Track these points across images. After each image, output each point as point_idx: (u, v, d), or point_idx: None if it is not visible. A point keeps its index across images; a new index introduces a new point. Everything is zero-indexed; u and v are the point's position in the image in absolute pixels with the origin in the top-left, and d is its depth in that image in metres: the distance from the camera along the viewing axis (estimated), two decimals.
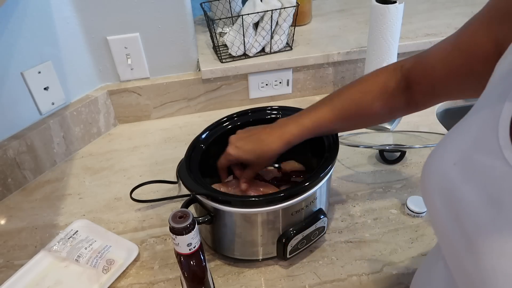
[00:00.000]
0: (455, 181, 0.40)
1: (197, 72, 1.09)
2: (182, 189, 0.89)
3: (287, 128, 0.67)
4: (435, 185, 0.43)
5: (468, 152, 0.40)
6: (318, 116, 0.67)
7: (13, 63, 0.86)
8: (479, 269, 0.36)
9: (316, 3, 1.32)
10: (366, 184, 0.88)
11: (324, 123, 0.67)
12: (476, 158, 0.38)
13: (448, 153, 0.42)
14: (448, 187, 0.41)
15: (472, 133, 0.40)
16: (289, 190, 0.67)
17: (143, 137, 1.07)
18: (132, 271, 0.74)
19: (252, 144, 0.69)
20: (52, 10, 0.89)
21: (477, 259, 0.36)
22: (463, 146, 0.41)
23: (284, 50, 1.10)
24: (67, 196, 0.90)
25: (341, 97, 0.67)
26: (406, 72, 0.62)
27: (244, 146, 0.69)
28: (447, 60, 0.55)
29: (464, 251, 0.38)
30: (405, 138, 0.98)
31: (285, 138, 0.67)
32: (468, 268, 0.38)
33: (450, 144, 0.43)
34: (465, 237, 0.38)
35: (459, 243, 0.39)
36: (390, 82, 0.63)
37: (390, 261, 0.72)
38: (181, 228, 0.53)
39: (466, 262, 0.38)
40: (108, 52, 1.01)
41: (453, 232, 0.40)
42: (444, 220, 0.41)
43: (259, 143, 0.68)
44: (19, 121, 0.91)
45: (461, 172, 0.39)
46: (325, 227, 0.74)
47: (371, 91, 0.64)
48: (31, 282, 0.72)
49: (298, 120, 0.68)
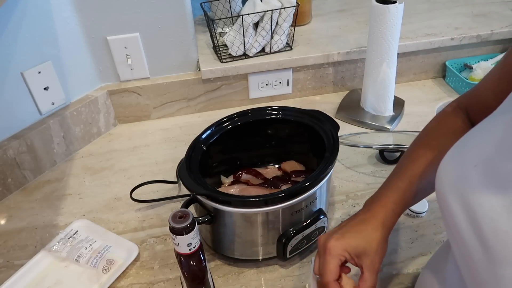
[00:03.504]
0: (475, 183, 0.38)
1: (197, 72, 1.09)
2: (182, 189, 0.89)
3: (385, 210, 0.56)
4: (451, 186, 0.41)
5: (491, 155, 0.38)
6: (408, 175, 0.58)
7: (13, 63, 0.86)
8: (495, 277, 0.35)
9: (316, 3, 1.32)
10: (366, 184, 0.88)
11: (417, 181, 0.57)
12: (499, 162, 0.36)
13: (468, 154, 0.40)
14: (466, 190, 0.39)
15: (497, 134, 0.38)
16: (289, 190, 0.67)
17: (143, 137, 1.07)
18: (132, 271, 0.74)
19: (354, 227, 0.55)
20: (52, 10, 0.89)
21: (494, 266, 0.35)
22: (486, 147, 0.39)
23: (284, 50, 1.10)
24: (67, 196, 0.90)
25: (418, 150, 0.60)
26: (465, 110, 0.59)
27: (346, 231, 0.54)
28: (498, 90, 0.50)
29: (480, 257, 0.37)
30: (405, 138, 0.98)
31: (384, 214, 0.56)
32: (483, 275, 0.36)
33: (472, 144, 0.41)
34: (482, 243, 0.36)
35: (475, 248, 0.37)
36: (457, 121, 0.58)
37: (390, 261, 0.72)
38: (181, 228, 0.53)
39: (481, 269, 0.37)
40: (108, 52, 1.01)
41: (469, 237, 0.38)
42: (460, 223, 0.39)
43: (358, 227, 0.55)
44: (19, 121, 0.91)
45: (482, 175, 0.37)
46: (325, 227, 0.74)
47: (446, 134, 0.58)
48: (31, 282, 0.72)
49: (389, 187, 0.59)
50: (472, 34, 1.13)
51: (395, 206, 0.56)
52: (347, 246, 0.52)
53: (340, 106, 1.11)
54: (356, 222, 0.55)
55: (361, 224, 0.54)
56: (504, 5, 1.27)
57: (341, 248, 0.52)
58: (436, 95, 1.15)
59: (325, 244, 0.53)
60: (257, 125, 0.82)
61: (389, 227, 0.55)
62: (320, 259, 0.53)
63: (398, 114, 1.06)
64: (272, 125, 0.83)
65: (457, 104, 0.61)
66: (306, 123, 0.79)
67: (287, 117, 0.81)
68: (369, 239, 0.53)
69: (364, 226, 0.54)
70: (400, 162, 0.62)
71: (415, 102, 1.12)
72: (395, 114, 1.06)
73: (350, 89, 1.18)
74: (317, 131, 0.77)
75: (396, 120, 1.04)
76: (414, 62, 1.18)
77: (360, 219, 0.56)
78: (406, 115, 1.08)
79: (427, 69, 1.20)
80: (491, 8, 1.25)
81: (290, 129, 0.83)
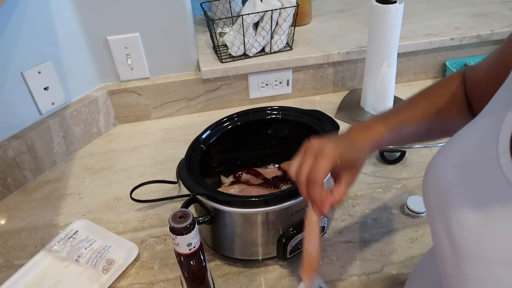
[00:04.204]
0: (451, 184, 0.39)
1: (197, 72, 1.09)
2: (182, 189, 0.89)
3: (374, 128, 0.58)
4: (432, 186, 0.43)
5: (468, 157, 0.39)
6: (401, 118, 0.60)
7: (13, 63, 0.86)
8: (458, 274, 0.36)
9: (316, 3, 1.32)
10: (366, 184, 0.88)
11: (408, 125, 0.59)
12: (474, 163, 0.38)
13: (450, 155, 0.42)
14: (444, 190, 0.40)
15: (475, 137, 0.40)
16: (289, 190, 0.67)
17: (143, 137, 1.07)
18: (132, 271, 0.74)
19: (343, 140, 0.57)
20: (52, 10, 0.89)
21: (458, 264, 0.36)
22: (464, 150, 0.40)
23: (284, 50, 1.10)
24: (67, 196, 0.90)
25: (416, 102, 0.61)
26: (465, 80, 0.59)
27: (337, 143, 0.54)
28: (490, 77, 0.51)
29: (448, 254, 0.38)
30: None
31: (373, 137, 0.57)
32: (450, 272, 0.38)
33: (453, 146, 0.42)
34: (450, 241, 0.38)
35: (446, 246, 0.39)
36: (458, 89, 0.59)
37: (390, 261, 0.72)
38: (181, 228, 0.53)
39: (449, 266, 0.38)
40: (108, 52, 1.01)
41: (442, 235, 0.40)
42: (436, 222, 0.41)
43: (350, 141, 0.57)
44: (19, 121, 0.91)
45: (458, 176, 0.39)
46: (325, 227, 0.74)
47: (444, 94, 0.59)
48: (31, 282, 0.72)
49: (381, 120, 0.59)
50: (472, 34, 1.13)
51: (381, 138, 0.58)
52: (341, 155, 0.52)
53: (340, 106, 1.11)
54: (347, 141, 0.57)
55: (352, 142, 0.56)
56: (504, 5, 1.27)
57: (336, 155, 0.52)
58: None
59: (321, 148, 0.52)
60: (257, 125, 0.82)
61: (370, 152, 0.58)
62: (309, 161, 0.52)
63: None
64: (272, 125, 0.83)
65: (463, 72, 0.60)
66: (306, 123, 0.79)
67: (287, 117, 0.81)
68: (359, 155, 0.55)
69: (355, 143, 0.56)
70: (397, 106, 0.63)
71: None
72: None
73: (350, 89, 1.18)
74: (317, 131, 0.77)
75: None
76: (414, 62, 1.18)
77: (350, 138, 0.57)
78: None
79: (427, 69, 1.20)
80: (491, 8, 1.25)
81: (290, 129, 0.83)
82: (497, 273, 0.32)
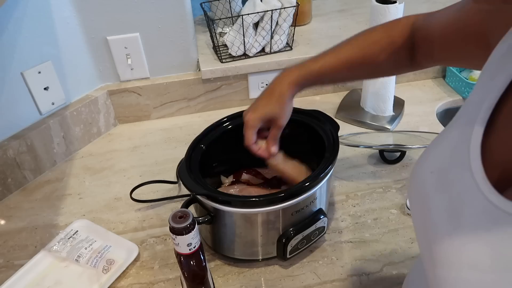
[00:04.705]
0: (429, 189, 0.40)
1: (197, 72, 1.09)
2: (182, 189, 0.89)
3: (291, 72, 0.67)
4: (414, 191, 0.43)
5: (444, 162, 0.40)
6: (324, 61, 0.66)
7: (13, 63, 0.86)
8: (434, 276, 0.37)
9: (316, 3, 1.32)
10: (366, 184, 0.88)
11: (329, 69, 0.65)
12: (450, 169, 0.38)
13: (428, 160, 0.43)
14: (423, 194, 0.41)
15: (450, 143, 0.40)
16: (289, 190, 0.67)
17: (143, 137, 1.07)
18: (132, 271, 0.74)
19: (263, 99, 0.68)
20: (52, 10, 0.89)
21: (434, 267, 0.37)
22: (441, 155, 0.41)
23: (284, 50, 1.10)
24: (67, 196, 0.90)
25: (348, 45, 0.66)
26: (414, 31, 0.61)
27: (258, 104, 0.69)
28: (445, 31, 0.54)
29: (427, 258, 0.39)
30: (405, 138, 0.98)
31: (292, 79, 0.66)
32: (429, 275, 0.39)
33: (431, 151, 0.43)
34: (427, 245, 0.39)
35: (425, 250, 0.40)
36: (398, 37, 0.62)
37: (390, 261, 0.72)
38: (181, 228, 0.53)
39: (428, 269, 0.39)
40: (108, 52, 1.01)
41: (422, 239, 0.41)
42: (417, 226, 0.43)
43: (270, 94, 0.68)
44: (19, 121, 0.91)
45: (436, 181, 0.40)
46: (325, 227, 0.74)
47: (378, 42, 0.63)
48: (31, 282, 0.72)
49: (303, 65, 0.67)
50: None
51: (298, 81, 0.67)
52: (259, 117, 0.67)
53: (340, 106, 1.11)
54: (266, 95, 0.69)
55: (269, 96, 0.68)
56: None
57: (255, 120, 0.67)
58: (436, 95, 1.15)
59: (244, 118, 0.69)
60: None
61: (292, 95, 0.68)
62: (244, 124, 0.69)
63: (398, 114, 1.06)
64: None
65: (412, 20, 0.62)
66: (306, 123, 0.79)
67: None
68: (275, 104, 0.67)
69: (271, 96, 0.68)
70: (329, 48, 0.67)
71: (415, 102, 1.12)
72: (395, 114, 1.06)
73: (350, 89, 1.18)
74: (317, 131, 0.77)
75: (396, 120, 1.04)
76: None
77: (269, 90, 0.68)
78: (406, 115, 1.08)
79: (427, 69, 1.20)
80: None
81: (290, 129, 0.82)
82: (467, 276, 0.33)
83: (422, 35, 0.59)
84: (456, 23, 0.52)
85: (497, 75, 0.36)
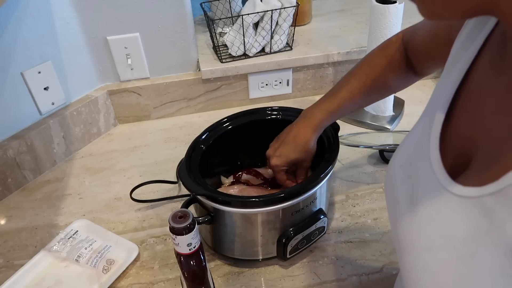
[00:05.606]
0: (398, 182, 0.43)
1: (197, 72, 1.09)
2: (182, 189, 0.89)
3: (313, 116, 0.70)
4: (387, 185, 0.46)
5: (410, 156, 0.43)
6: (340, 98, 0.68)
7: (13, 63, 0.86)
8: (401, 263, 0.40)
9: (316, 3, 1.32)
10: (366, 184, 0.88)
11: (347, 103, 0.69)
12: (414, 162, 0.41)
13: (397, 156, 0.46)
14: (394, 188, 0.44)
15: (416, 136, 0.43)
16: (289, 190, 0.67)
17: (143, 137, 1.07)
18: (132, 271, 0.74)
19: (288, 145, 0.71)
20: (52, 10, 0.89)
21: (401, 254, 0.40)
22: (408, 149, 0.44)
23: (284, 50, 1.10)
24: (67, 196, 0.90)
25: (355, 76, 0.69)
26: (405, 45, 0.64)
27: (283, 151, 0.71)
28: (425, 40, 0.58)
29: (396, 248, 0.42)
30: None
31: (315, 124, 0.70)
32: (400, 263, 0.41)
33: (401, 146, 0.46)
34: (396, 232, 0.42)
35: (395, 241, 0.42)
36: (394, 55, 0.65)
37: (390, 261, 0.72)
38: (181, 228, 0.53)
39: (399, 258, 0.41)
40: (108, 52, 1.01)
41: (393, 231, 0.43)
42: (390, 219, 0.45)
43: (294, 140, 0.71)
44: (19, 121, 0.91)
45: (403, 174, 0.43)
46: (325, 227, 0.74)
47: (380, 65, 0.66)
48: (31, 282, 0.72)
49: (321, 106, 0.70)
50: None
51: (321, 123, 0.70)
52: (285, 161, 0.71)
53: None
54: (290, 141, 0.71)
55: (294, 143, 0.70)
56: None
57: (281, 164, 0.71)
58: None
59: (270, 165, 0.72)
60: (257, 126, 0.82)
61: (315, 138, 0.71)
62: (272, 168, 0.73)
63: (398, 114, 1.06)
64: (272, 125, 0.83)
65: (402, 36, 0.65)
66: None
67: (287, 117, 0.81)
68: (301, 151, 0.70)
69: (296, 144, 0.70)
70: (338, 84, 0.70)
71: (415, 102, 1.12)
72: (395, 114, 1.06)
73: None
74: None
75: (396, 120, 1.04)
76: None
77: (292, 135, 0.71)
78: (406, 115, 1.08)
79: None
80: None
81: None
82: (424, 258, 0.35)
83: (411, 48, 0.62)
84: (431, 32, 0.56)
85: (452, 69, 0.40)
